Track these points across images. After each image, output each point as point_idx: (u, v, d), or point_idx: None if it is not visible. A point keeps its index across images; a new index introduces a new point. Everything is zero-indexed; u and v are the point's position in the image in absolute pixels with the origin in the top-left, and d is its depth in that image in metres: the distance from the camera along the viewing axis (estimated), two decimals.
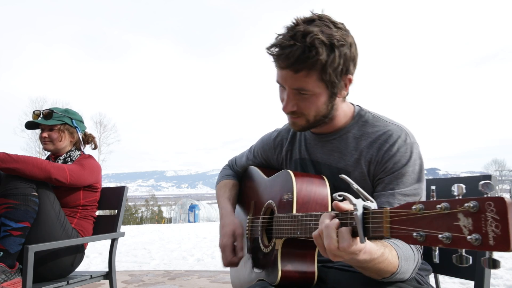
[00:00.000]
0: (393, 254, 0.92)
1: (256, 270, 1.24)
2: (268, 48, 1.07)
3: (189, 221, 32.24)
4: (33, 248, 1.66)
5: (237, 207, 1.53)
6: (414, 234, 0.61)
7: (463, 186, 0.58)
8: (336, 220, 0.81)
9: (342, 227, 0.79)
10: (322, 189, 1.12)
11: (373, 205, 0.75)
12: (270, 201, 1.24)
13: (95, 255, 5.98)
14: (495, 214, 0.49)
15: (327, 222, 0.82)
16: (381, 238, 0.72)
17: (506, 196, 0.49)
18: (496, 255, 0.54)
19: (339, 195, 0.80)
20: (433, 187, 0.64)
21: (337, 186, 1.16)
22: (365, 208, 0.75)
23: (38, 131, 2.30)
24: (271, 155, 1.41)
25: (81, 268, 4.44)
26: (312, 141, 1.26)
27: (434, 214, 0.58)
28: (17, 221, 1.82)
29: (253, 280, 1.26)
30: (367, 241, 0.83)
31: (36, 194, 1.91)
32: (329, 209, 1.10)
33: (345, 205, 0.81)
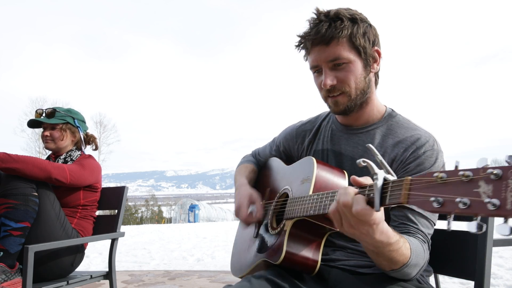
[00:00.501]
0: (407, 246, 0.93)
1: (258, 252, 1.23)
2: (299, 36, 1.16)
3: (189, 221, 32.24)
4: (33, 248, 1.66)
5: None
6: (432, 198, 0.62)
7: (487, 158, 0.59)
8: (354, 188, 0.83)
9: (358, 194, 0.81)
10: (340, 181, 1.12)
11: (393, 178, 0.76)
12: (287, 186, 1.24)
13: (95, 255, 5.98)
14: None
15: (343, 190, 0.83)
16: (397, 204, 0.72)
17: None
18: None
19: (363, 161, 0.81)
20: (457, 161, 0.65)
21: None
22: (385, 180, 0.76)
23: (38, 131, 2.31)
24: (292, 144, 1.41)
25: (81, 268, 4.44)
26: (338, 133, 1.26)
27: (456, 180, 0.59)
28: (17, 221, 1.82)
29: (253, 262, 1.25)
30: (385, 225, 0.85)
31: (36, 194, 1.91)
32: None
33: (364, 180, 0.83)
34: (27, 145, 28.50)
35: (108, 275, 2.16)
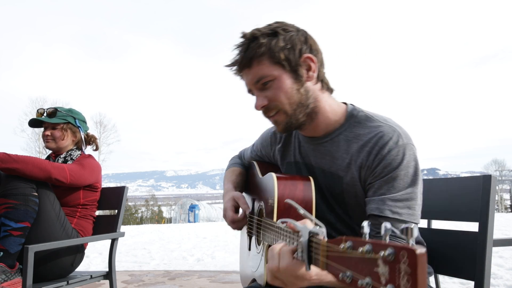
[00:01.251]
0: None
1: (252, 268, 1.26)
2: (226, 66, 1.13)
3: (189, 221, 32.24)
4: (33, 248, 1.66)
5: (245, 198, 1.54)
6: (341, 274, 0.56)
7: (388, 226, 0.53)
8: (282, 243, 0.77)
9: (284, 247, 0.76)
10: (306, 193, 1.08)
11: (321, 230, 0.68)
12: (261, 202, 1.23)
13: (95, 255, 5.98)
14: (408, 267, 0.44)
15: (270, 253, 0.77)
16: (319, 268, 0.65)
17: (420, 249, 0.44)
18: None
19: (282, 222, 0.76)
20: (363, 225, 0.58)
21: (332, 190, 1.15)
22: (312, 234, 0.69)
23: (38, 131, 2.31)
24: (268, 151, 1.40)
25: (81, 268, 4.44)
26: (305, 144, 1.22)
27: (359, 255, 0.52)
28: (17, 221, 1.82)
29: (250, 278, 1.27)
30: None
31: (36, 194, 1.91)
32: (313, 213, 1.06)
33: (300, 225, 0.74)
34: (27, 145, 28.48)
35: (108, 275, 2.16)
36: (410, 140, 1.05)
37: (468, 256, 1.22)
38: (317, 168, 1.18)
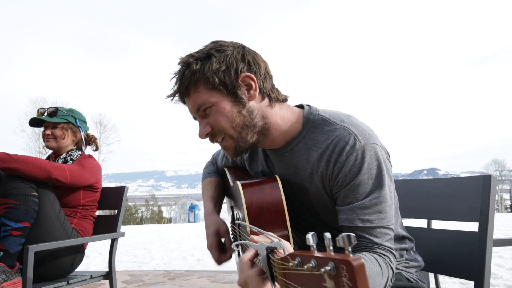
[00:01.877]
0: None
1: None
2: (168, 96, 1.10)
3: (189, 221, 32.23)
4: (33, 248, 1.66)
5: (226, 205, 1.50)
6: None
7: (329, 237, 0.51)
8: (249, 254, 0.74)
9: (244, 257, 0.74)
10: (274, 195, 1.05)
11: (278, 244, 0.65)
12: (237, 212, 1.22)
13: (95, 255, 5.98)
14: (348, 280, 0.43)
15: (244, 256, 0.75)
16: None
17: (356, 260, 0.43)
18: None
19: (236, 246, 0.75)
20: (309, 236, 0.55)
21: (301, 201, 1.13)
22: (269, 250, 0.66)
23: (38, 131, 2.31)
24: (238, 158, 1.36)
25: (81, 268, 4.45)
26: (270, 155, 1.18)
27: (308, 272, 0.50)
28: (17, 221, 1.82)
29: None
30: None
31: (36, 194, 1.91)
32: (286, 214, 1.04)
33: (261, 239, 0.72)
34: (27, 145, 28.48)
35: (108, 275, 2.16)
36: (369, 139, 0.99)
37: (468, 256, 1.22)
38: (283, 180, 1.13)
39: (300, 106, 1.15)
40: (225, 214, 1.56)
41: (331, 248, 0.50)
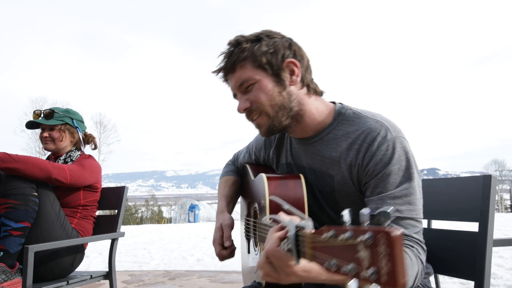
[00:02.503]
0: None
1: (253, 270, 1.26)
2: (213, 72, 1.17)
3: (189, 221, 32.24)
4: (33, 248, 1.66)
5: (242, 203, 1.53)
6: (326, 264, 0.56)
7: (367, 212, 0.54)
8: (282, 232, 0.76)
9: (274, 232, 0.77)
10: (297, 191, 1.09)
11: (307, 224, 0.69)
12: (255, 205, 1.24)
13: (95, 255, 5.98)
14: (386, 248, 0.46)
15: (271, 235, 0.77)
16: (307, 260, 0.66)
17: (396, 231, 0.45)
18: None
19: (270, 219, 0.77)
20: (344, 213, 0.59)
21: (323, 190, 1.14)
22: (299, 228, 0.70)
23: (38, 131, 2.30)
24: (263, 154, 1.40)
25: (81, 268, 4.44)
26: (296, 145, 1.23)
27: (342, 243, 0.54)
28: (17, 221, 1.82)
29: (250, 280, 1.28)
30: None
31: (36, 194, 1.91)
32: (306, 210, 1.07)
33: (285, 220, 0.75)
34: (27, 145, 28.50)
35: (108, 275, 2.16)
36: (399, 133, 1.04)
37: (468, 256, 1.22)
38: (308, 169, 1.18)
39: (333, 103, 1.20)
40: (237, 216, 1.57)
41: (367, 224, 0.53)
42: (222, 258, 1.27)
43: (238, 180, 1.53)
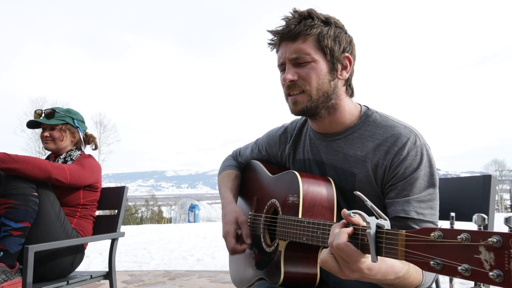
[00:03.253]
0: (417, 270, 0.90)
1: (257, 268, 1.24)
2: (269, 31, 1.14)
3: (189, 221, 32.23)
4: (33, 248, 1.66)
5: (239, 199, 1.52)
6: (432, 262, 0.60)
7: (485, 217, 0.59)
8: (350, 228, 0.78)
9: (344, 227, 0.78)
10: (328, 192, 1.10)
11: (386, 223, 0.73)
12: (274, 200, 1.23)
13: (95, 255, 5.98)
14: None
15: (335, 231, 0.79)
16: (394, 259, 0.70)
17: None
18: None
19: (353, 213, 0.78)
20: (452, 214, 0.63)
21: (342, 187, 1.15)
22: (378, 227, 0.73)
23: (38, 131, 2.30)
24: (276, 151, 1.39)
25: (81, 268, 4.44)
26: (316, 141, 1.23)
27: (453, 243, 0.57)
28: (17, 221, 1.82)
29: (253, 278, 1.26)
30: (389, 261, 0.81)
31: (36, 194, 1.91)
32: (335, 212, 1.09)
33: (357, 219, 0.79)
34: (27, 145, 28.51)
35: (108, 275, 2.16)
36: (425, 141, 1.08)
37: None
38: (328, 165, 1.19)
39: (359, 105, 1.23)
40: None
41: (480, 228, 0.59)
42: (234, 252, 1.27)
43: (240, 175, 1.52)
